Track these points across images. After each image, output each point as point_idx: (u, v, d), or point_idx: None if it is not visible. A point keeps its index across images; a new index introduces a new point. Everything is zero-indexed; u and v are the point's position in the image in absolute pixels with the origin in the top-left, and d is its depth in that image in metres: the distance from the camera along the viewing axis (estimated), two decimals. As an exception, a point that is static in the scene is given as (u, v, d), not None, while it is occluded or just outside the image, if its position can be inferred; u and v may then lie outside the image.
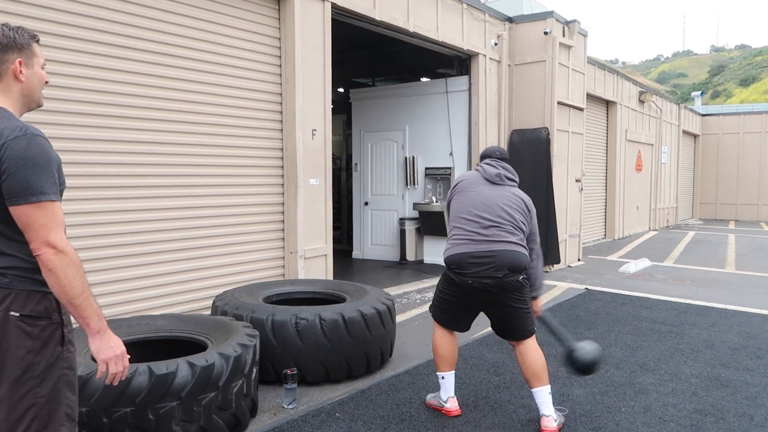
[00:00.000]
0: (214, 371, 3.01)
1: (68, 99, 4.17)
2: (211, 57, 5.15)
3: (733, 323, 5.78)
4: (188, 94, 4.99)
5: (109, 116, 4.44)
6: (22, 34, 1.89)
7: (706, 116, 21.46)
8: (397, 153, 9.66)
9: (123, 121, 4.53)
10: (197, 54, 5.04)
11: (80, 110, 4.26)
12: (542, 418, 3.31)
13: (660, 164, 16.68)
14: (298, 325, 3.93)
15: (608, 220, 13.94)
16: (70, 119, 4.21)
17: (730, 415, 3.56)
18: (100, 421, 2.78)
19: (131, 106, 4.57)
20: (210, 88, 5.16)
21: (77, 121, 4.24)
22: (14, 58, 1.86)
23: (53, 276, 1.76)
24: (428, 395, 3.73)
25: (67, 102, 4.18)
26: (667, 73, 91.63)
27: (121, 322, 3.72)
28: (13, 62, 1.86)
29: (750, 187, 20.36)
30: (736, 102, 54.41)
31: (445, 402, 3.54)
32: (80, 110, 4.26)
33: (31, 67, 1.90)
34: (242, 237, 5.49)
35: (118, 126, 4.50)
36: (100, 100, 4.37)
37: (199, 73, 5.07)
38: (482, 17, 8.59)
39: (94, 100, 4.34)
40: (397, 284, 7.67)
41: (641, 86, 15.48)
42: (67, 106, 4.18)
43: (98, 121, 4.37)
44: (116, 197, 4.53)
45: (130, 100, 4.56)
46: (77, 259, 1.81)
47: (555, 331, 3.68)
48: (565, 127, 9.37)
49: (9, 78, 1.86)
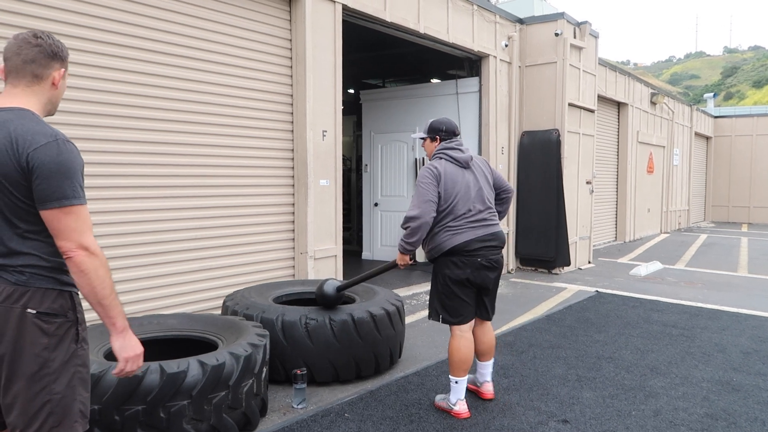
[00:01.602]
0: (224, 370, 3.04)
1: (77, 99, 4.21)
2: (222, 58, 5.18)
3: (745, 327, 5.73)
4: (199, 94, 5.02)
5: (119, 116, 4.48)
6: (63, 45, 1.99)
7: (719, 118, 21.27)
8: (407, 154, 9.67)
9: (133, 121, 4.57)
10: (209, 55, 5.08)
11: (89, 110, 4.29)
12: (486, 384, 3.81)
13: (672, 166, 16.55)
14: (308, 325, 3.95)
15: (619, 222, 13.85)
16: (80, 119, 4.24)
17: (742, 420, 3.53)
18: (112, 418, 2.81)
19: (141, 107, 4.61)
20: (221, 89, 5.19)
21: (87, 121, 4.28)
22: (57, 67, 1.96)
23: (85, 277, 1.81)
24: (437, 396, 3.74)
25: (76, 102, 4.21)
26: (679, 74, 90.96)
27: (132, 321, 3.74)
28: (58, 70, 1.96)
29: (763, 190, 20.15)
30: (750, 104, 53.88)
31: (454, 405, 3.54)
32: (89, 110, 4.29)
33: (65, 78, 2.00)
34: (253, 237, 5.52)
35: (128, 126, 4.54)
36: (109, 101, 4.41)
37: (211, 74, 5.10)
38: (493, 18, 8.57)
39: (104, 101, 4.38)
40: (407, 285, 7.67)
41: (653, 88, 15.38)
42: (76, 106, 4.21)
43: (108, 121, 4.41)
44: (126, 197, 4.57)
45: (140, 100, 4.60)
46: (106, 260, 1.87)
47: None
48: (575, 128, 9.33)
49: (46, 84, 1.94)
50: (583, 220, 9.84)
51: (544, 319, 5.98)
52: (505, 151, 8.96)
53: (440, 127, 3.70)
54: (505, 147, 8.97)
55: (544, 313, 6.32)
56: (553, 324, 5.72)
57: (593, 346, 5.02)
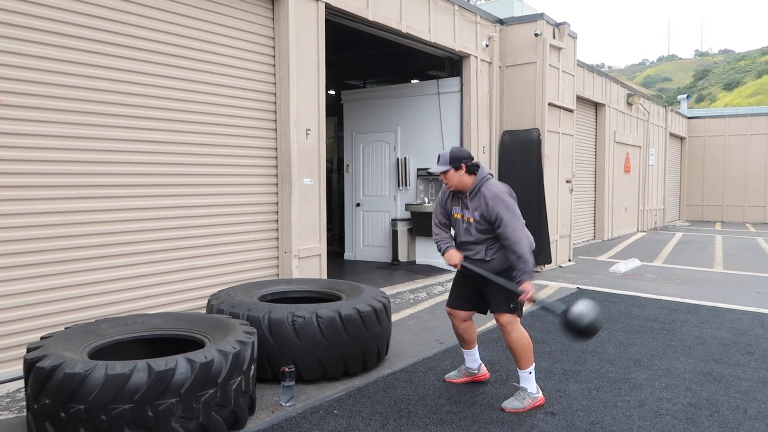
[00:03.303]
0: (213, 368, 3.00)
1: (56, 96, 4.14)
2: (204, 56, 5.14)
3: (723, 320, 5.85)
4: (182, 92, 4.97)
5: (99, 114, 4.41)
6: None
7: (693, 119, 21.72)
8: (389, 154, 9.68)
9: (114, 119, 4.50)
10: (191, 53, 5.03)
11: (68, 108, 4.22)
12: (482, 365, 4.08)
13: (648, 166, 16.84)
14: (295, 323, 3.92)
15: (597, 221, 14.04)
16: (59, 117, 4.17)
17: (724, 409, 3.60)
18: (99, 418, 2.75)
19: (122, 104, 4.54)
20: (204, 87, 5.14)
21: (66, 119, 4.20)
22: None
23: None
24: (506, 403, 3.61)
25: (55, 99, 4.14)
26: (652, 77, 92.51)
27: (116, 320, 3.69)
28: None
29: (735, 189, 20.62)
30: (721, 106, 55.07)
31: (537, 393, 3.63)
32: (68, 108, 4.22)
33: None
34: (236, 236, 5.47)
35: (108, 124, 4.47)
36: (89, 98, 4.34)
37: (193, 72, 5.05)
38: (474, 19, 8.64)
39: (84, 98, 4.31)
40: (390, 285, 7.67)
41: (629, 89, 15.64)
42: (55, 103, 4.14)
43: (88, 119, 4.34)
44: (108, 196, 4.50)
45: (121, 98, 4.54)
46: None
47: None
48: (555, 128, 9.44)
49: None
50: (563, 219, 9.95)
51: (528, 316, 6.01)
52: (486, 150, 9.02)
53: (462, 154, 3.63)
54: (487, 146, 9.04)
55: (528, 310, 6.36)
56: (537, 320, 5.77)
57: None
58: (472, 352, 4.02)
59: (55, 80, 4.10)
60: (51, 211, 4.16)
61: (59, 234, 4.21)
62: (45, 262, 4.13)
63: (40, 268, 4.10)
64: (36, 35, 4.01)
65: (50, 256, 4.16)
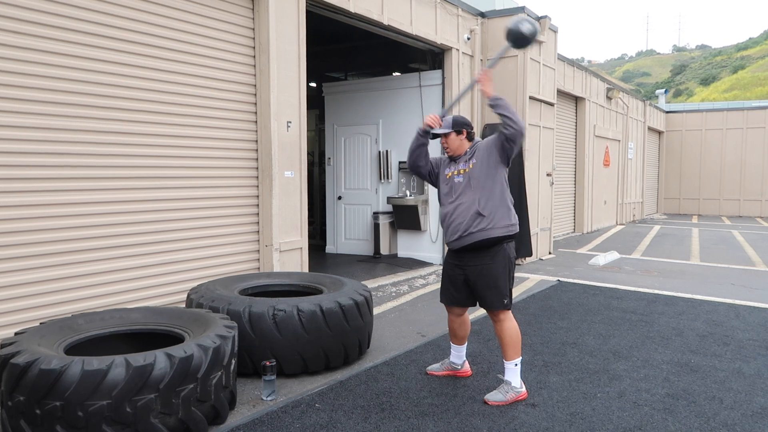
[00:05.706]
0: (192, 363, 2.96)
1: (29, 86, 4.03)
2: (182, 46, 5.05)
3: (700, 312, 5.95)
4: (159, 84, 4.88)
5: (75, 105, 4.31)
6: None
7: (670, 113, 22.00)
8: (371, 147, 9.65)
9: (90, 110, 4.40)
10: (168, 43, 4.94)
11: (42, 98, 4.11)
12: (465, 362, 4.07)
13: (627, 160, 17.04)
14: (276, 316, 3.89)
15: (577, 214, 14.18)
16: (33, 107, 4.06)
17: (701, 399, 3.66)
18: (76, 414, 2.70)
19: (98, 95, 4.44)
20: (182, 78, 5.06)
21: (40, 109, 4.10)
22: None
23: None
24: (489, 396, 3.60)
25: (29, 90, 4.04)
26: (631, 72, 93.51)
27: (93, 315, 3.63)
28: None
29: (712, 183, 20.96)
30: (698, 100, 55.86)
31: (520, 387, 3.64)
32: (42, 98, 4.11)
33: None
34: (216, 230, 5.41)
35: (85, 116, 4.37)
36: (64, 88, 4.24)
37: (171, 63, 4.96)
38: (455, 12, 8.62)
39: (58, 88, 4.20)
40: (372, 278, 7.66)
41: (608, 83, 15.78)
42: (29, 93, 4.03)
43: (63, 110, 4.23)
44: (84, 189, 4.41)
45: (97, 88, 4.44)
46: None
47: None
48: (536, 121, 9.49)
49: None
50: (544, 212, 10.03)
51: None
52: (468, 144, 9.02)
53: (466, 121, 3.85)
54: (468, 140, 9.03)
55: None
56: (518, 312, 5.80)
57: (557, 333, 5.12)
58: (461, 349, 4.00)
59: (23, 69, 3.99)
60: (24, 204, 4.06)
61: (33, 228, 4.11)
62: (18, 256, 4.03)
63: (13, 263, 4.01)
64: (3, 23, 3.90)
65: (24, 250, 4.06)
